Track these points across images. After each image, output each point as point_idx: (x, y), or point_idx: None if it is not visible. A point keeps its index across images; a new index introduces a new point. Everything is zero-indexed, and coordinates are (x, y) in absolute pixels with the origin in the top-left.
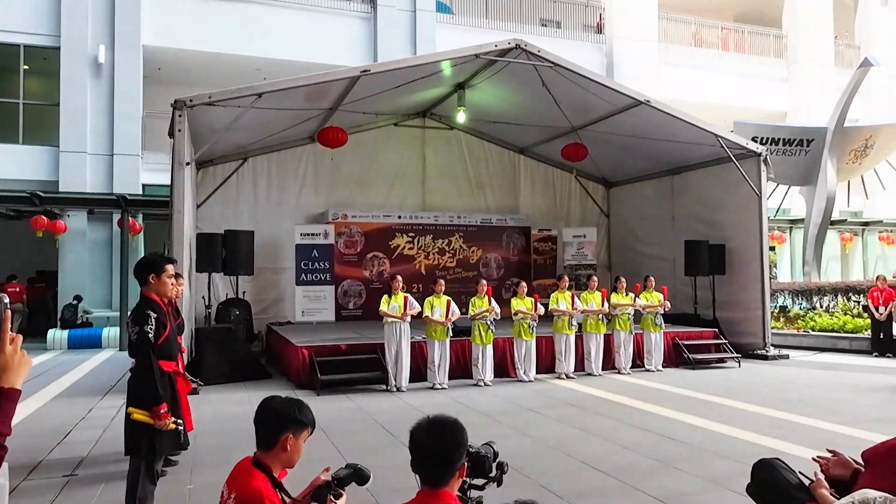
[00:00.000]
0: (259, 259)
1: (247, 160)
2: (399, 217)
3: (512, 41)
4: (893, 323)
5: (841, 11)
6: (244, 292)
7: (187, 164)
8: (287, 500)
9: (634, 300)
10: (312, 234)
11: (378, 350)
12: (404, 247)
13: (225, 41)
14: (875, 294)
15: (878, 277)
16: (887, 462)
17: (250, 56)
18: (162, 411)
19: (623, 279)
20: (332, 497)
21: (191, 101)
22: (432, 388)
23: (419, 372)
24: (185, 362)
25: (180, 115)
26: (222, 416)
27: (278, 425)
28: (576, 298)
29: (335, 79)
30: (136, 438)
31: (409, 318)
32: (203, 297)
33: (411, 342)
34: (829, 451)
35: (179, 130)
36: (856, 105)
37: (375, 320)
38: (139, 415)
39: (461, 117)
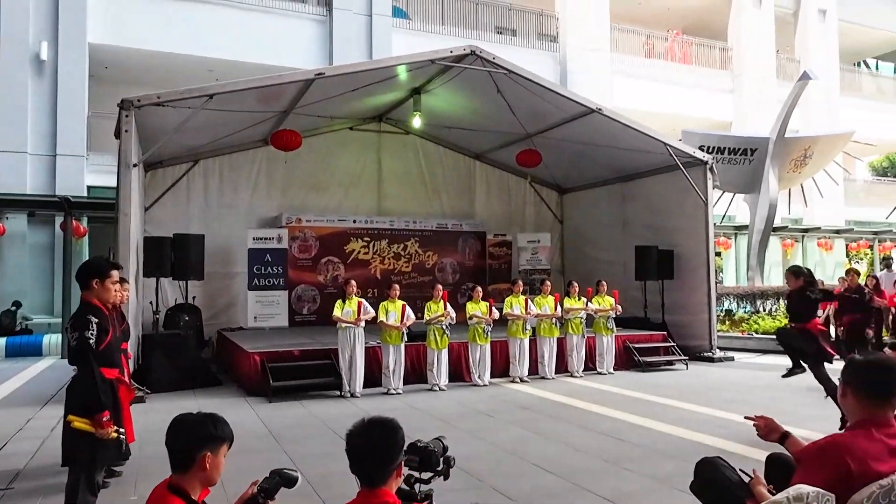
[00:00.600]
0: (210, 263)
1: (198, 162)
2: (354, 221)
3: (467, 47)
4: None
5: (782, 27)
6: (194, 297)
7: (135, 165)
8: None
9: (587, 304)
10: (265, 239)
11: (332, 355)
12: (359, 251)
13: (176, 41)
14: None
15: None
16: (819, 460)
17: (203, 57)
18: (104, 419)
19: (576, 284)
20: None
21: (139, 101)
22: (387, 393)
23: (374, 377)
24: (131, 370)
25: (127, 116)
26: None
27: (195, 444)
28: (529, 303)
29: (289, 81)
30: (75, 448)
31: (363, 323)
32: (151, 303)
33: (366, 347)
34: (759, 416)
35: (126, 131)
36: (796, 116)
37: (329, 325)
38: (79, 423)
39: (417, 122)
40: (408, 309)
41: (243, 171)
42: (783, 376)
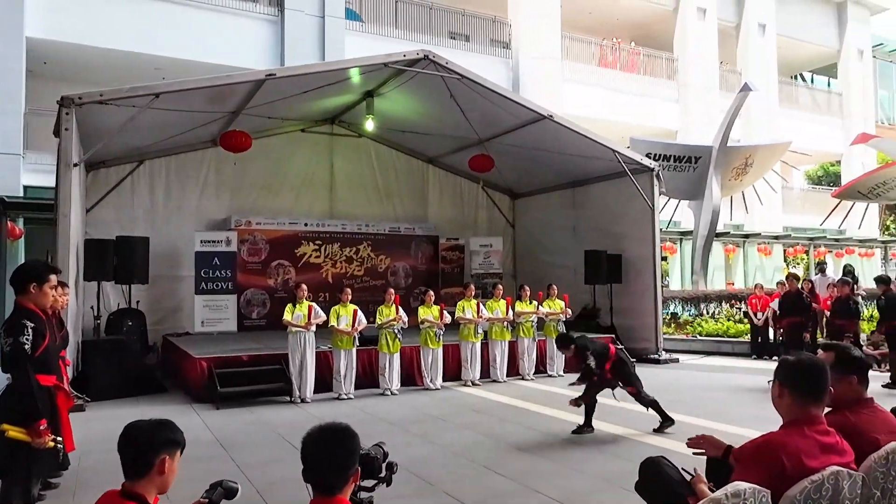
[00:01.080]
0: (155, 267)
1: (143, 163)
2: (306, 224)
3: (420, 52)
4: (770, 328)
5: (725, 40)
6: (138, 302)
7: (75, 165)
8: None
9: (538, 308)
10: (214, 242)
11: (282, 361)
12: (311, 255)
13: (121, 37)
14: (754, 301)
15: (756, 286)
16: (755, 458)
17: (149, 54)
18: (41, 428)
19: (527, 287)
20: None
21: (80, 98)
22: (338, 398)
23: (325, 382)
24: (70, 377)
25: (68, 114)
26: (111, 434)
27: (153, 448)
28: (481, 306)
29: (239, 81)
30: (9, 458)
31: (313, 328)
32: (91, 308)
33: (317, 352)
34: (699, 437)
35: (67, 129)
36: (737, 126)
37: (279, 330)
38: (14, 432)
39: (370, 125)
40: (359, 313)
41: (191, 172)
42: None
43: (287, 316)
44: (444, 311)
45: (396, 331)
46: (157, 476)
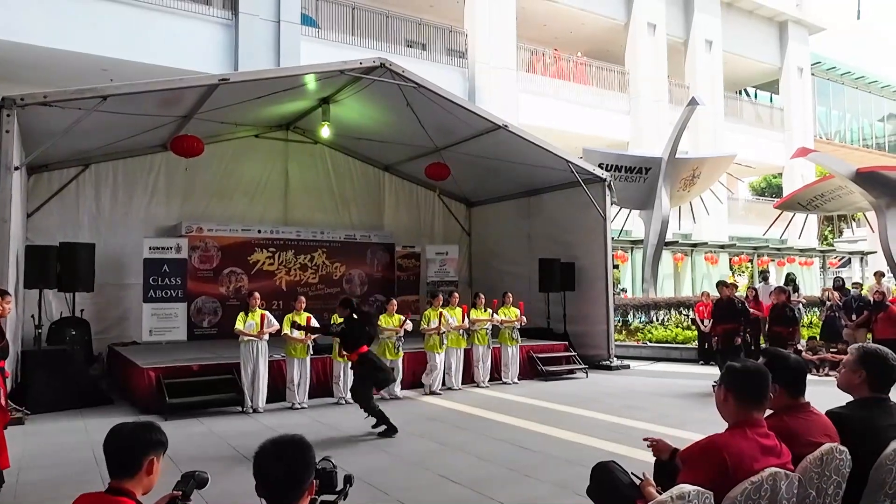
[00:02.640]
0: (101, 274)
1: (89, 167)
2: (259, 231)
3: (377, 59)
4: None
5: (673, 55)
6: (82, 310)
7: (16, 168)
8: None
9: (493, 315)
10: (163, 248)
11: (234, 370)
12: (264, 262)
13: (66, 37)
14: (700, 308)
15: (703, 293)
16: (700, 459)
17: (96, 55)
18: None
19: (482, 295)
20: None
21: (22, 99)
22: (291, 407)
23: (278, 391)
24: (9, 389)
25: (9, 115)
26: (53, 448)
27: (142, 448)
28: (449, 316)
29: (191, 85)
30: None
31: (266, 337)
32: (32, 317)
33: (270, 361)
34: (647, 440)
35: (7, 131)
36: (685, 139)
37: (232, 339)
38: None
39: (325, 132)
40: (313, 321)
41: (140, 177)
42: None
43: (239, 325)
44: (407, 320)
45: None
46: (145, 476)
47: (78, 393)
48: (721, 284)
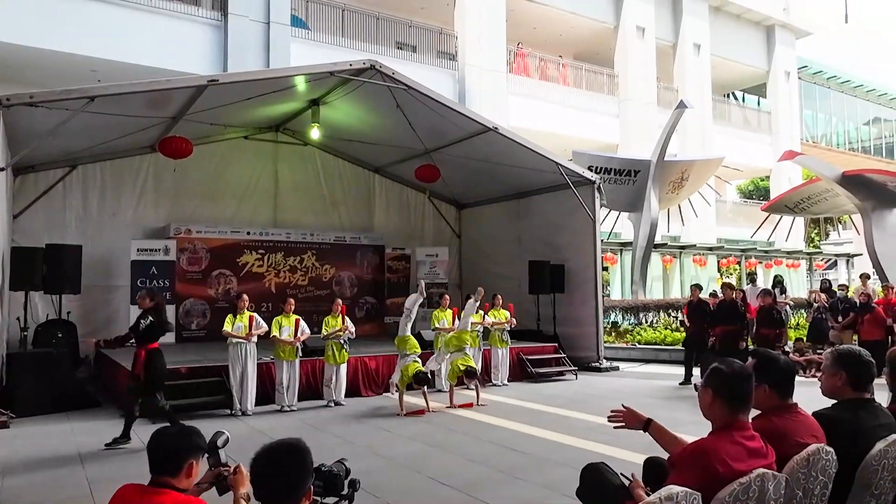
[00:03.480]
0: (88, 276)
1: (76, 168)
2: (248, 233)
3: (367, 61)
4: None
5: (662, 58)
6: (69, 313)
7: (2, 169)
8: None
9: (483, 318)
10: (151, 250)
11: (222, 372)
12: (253, 264)
13: (55, 37)
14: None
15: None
16: (688, 463)
17: (85, 56)
18: None
19: (447, 297)
20: (224, 473)
21: (8, 99)
22: (280, 410)
23: (267, 394)
24: None
25: None
26: (39, 452)
27: (185, 451)
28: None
29: (179, 86)
30: None
31: (254, 339)
32: (18, 319)
33: (259, 363)
34: (619, 411)
35: None
36: (674, 142)
37: (220, 341)
38: None
39: (315, 133)
40: (302, 323)
41: (128, 178)
42: None
43: (227, 327)
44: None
45: (343, 341)
46: (185, 478)
47: (64, 396)
48: (726, 286)
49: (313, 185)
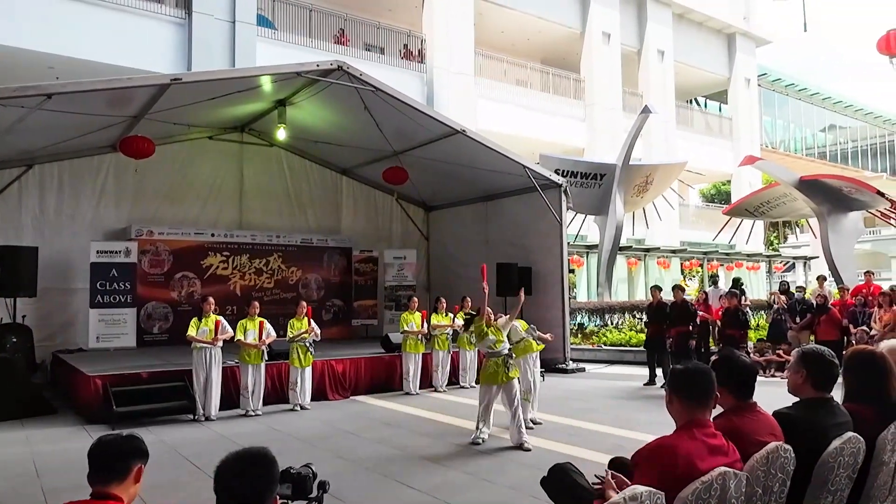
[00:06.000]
0: (44, 279)
1: (32, 167)
2: (213, 235)
3: (334, 62)
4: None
5: (627, 63)
6: (24, 316)
7: None
8: None
9: (453, 320)
10: (111, 252)
11: (185, 377)
12: (218, 266)
13: (9, 32)
14: None
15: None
16: (650, 461)
17: (42, 52)
18: None
19: (443, 300)
20: None
21: None
22: (245, 415)
23: (231, 398)
24: None
25: None
26: None
27: (130, 456)
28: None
29: (141, 85)
30: None
31: (220, 343)
32: None
33: (224, 367)
34: (605, 475)
35: None
36: (638, 146)
37: (183, 345)
38: None
39: (282, 134)
40: (267, 325)
41: (87, 178)
42: None
43: (192, 331)
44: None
45: (308, 344)
46: (132, 484)
47: (19, 402)
48: (676, 288)
49: (280, 186)
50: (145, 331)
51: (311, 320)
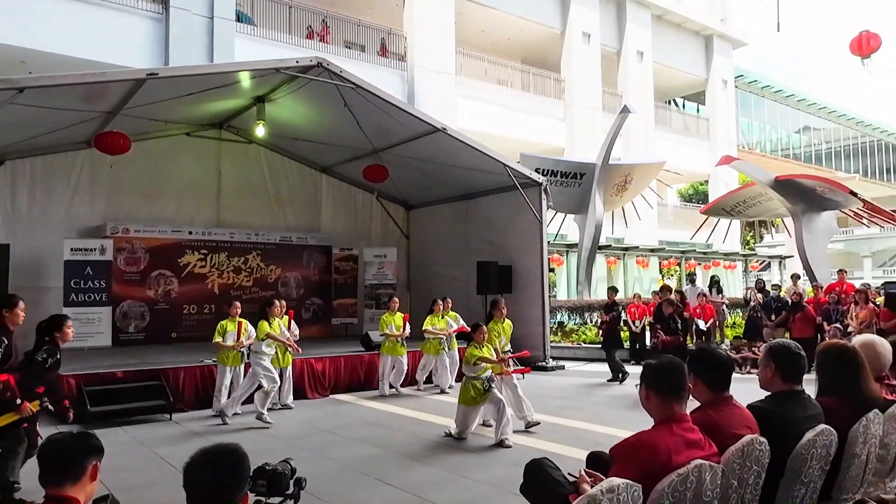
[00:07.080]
0: (16, 277)
1: (3, 163)
2: (190, 233)
3: (314, 59)
4: (647, 335)
5: (607, 64)
6: None
7: None
8: None
9: (449, 325)
10: (86, 250)
11: (161, 376)
12: (195, 265)
13: None
14: (632, 310)
15: (634, 295)
16: (628, 456)
17: (14, 46)
18: None
19: (440, 301)
20: None
21: None
22: (217, 416)
23: (207, 399)
24: None
25: None
26: None
27: (85, 454)
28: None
29: (116, 79)
30: None
31: (244, 347)
32: None
33: (201, 366)
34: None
35: None
36: (617, 146)
37: (160, 344)
38: None
39: (260, 131)
40: (248, 326)
41: (60, 175)
42: None
43: (217, 338)
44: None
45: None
46: (89, 481)
47: None
48: (664, 288)
49: (258, 183)
50: (121, 330)
51: (291, 320)
